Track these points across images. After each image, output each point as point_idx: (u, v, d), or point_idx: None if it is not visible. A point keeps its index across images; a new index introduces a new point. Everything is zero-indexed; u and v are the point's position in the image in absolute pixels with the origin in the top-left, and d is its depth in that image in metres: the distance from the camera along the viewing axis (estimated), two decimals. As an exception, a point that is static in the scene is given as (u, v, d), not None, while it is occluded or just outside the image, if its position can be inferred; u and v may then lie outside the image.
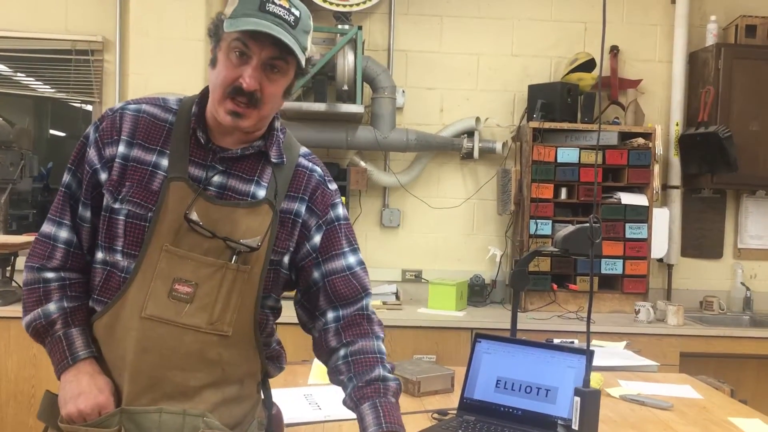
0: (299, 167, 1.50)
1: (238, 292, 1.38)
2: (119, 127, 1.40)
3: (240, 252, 1.36)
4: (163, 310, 1.34)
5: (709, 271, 4.14)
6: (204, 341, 1.36)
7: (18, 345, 3.19)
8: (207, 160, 1.40)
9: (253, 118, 1.37)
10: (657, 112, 4.09)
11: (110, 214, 1.37)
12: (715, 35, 3.94)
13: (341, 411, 1.90)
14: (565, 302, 3.72)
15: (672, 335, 3.44)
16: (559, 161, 3.68)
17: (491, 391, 1.88)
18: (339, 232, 1.51)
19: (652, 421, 1.95)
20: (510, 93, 4.05)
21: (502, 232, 4.05)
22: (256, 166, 1.44)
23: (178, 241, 1.35)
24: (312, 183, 1.50)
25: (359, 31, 3.60)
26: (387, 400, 1.42)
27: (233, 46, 1.33)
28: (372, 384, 1.44)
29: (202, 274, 1.35)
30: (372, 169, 3.91)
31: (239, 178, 1.42)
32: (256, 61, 1.33)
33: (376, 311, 1.57)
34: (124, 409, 1.33)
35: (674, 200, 4.03)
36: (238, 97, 1.33)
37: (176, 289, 1.34)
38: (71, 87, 3.92)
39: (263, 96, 1.35)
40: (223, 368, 1.39)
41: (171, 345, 1.34)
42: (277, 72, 1.36)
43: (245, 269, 1.38)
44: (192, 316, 1.35)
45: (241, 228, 1.38)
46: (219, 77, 1.35)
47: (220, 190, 1.39)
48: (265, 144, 1.45)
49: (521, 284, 2.41)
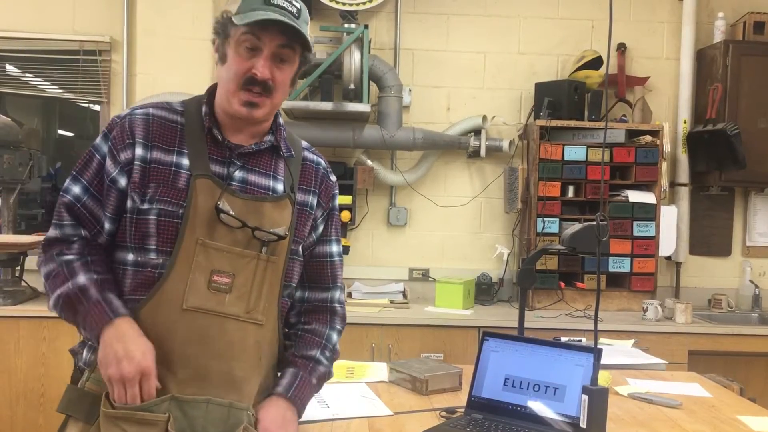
0: (306, 161, 1.58)
1: (268, 282, 1.44)
2: (131, 132, 1.42)
3: (268, 243, 1.42)
4: (205, 300, 1.37)
5: (718, 268, 4.12)
6: (244, 329, 1.41)
7: (27, 344, 3.21)
8: (226, 157, 1.45)
9: (266, 106, 1.43)
10: (665, 109, 4.07)
11: (138, 216, 1.40)
12: (722, 32, 3.92)
13: (349, 409, 1.91)
14: (573, 300, 3.71)
15: (680, 333, 3.43)
16: (566, 159, 3.68)
17: (499, 389, 1.88)
18: (333, 221, 1.63)
19: (660, 420, 1.94)
20: (517, 91, 4.05)
21: (509, 231, 4.05)
22: (270, 161, 1.51)
23: (212, 234, 1.39)
24: (319, 176, 1.59)
25: (365, 30, 3.60)
26: (308, 378, 1.52)
27: (243, 39, 1.39)
28: (305, 359, 1.54)
29: (239, 265, 1.40)
30: (379, 167, 3.91)
31: (257, 173, 1.48)
32: (267, 52, 1.40)
33: (383, 310, 1.60)
34: (175, 396, 1.35)
35: (682, 198, 4.02)
36: (252, 87, 1.40)
37: (215, 281, 1.38)
38: (79, 87, 3.94)
39: (275, 84, 1.42)
40: (260, 357, 1.45)
41: (214, 334, 1.38)
42: (285, 61, 1.43)
43: (274, 259, 1.44)
44: (232, 305, 1.39)
45: (267, 220, 1.44)
46: (231, 71, 1.41)
47: (242, 185, 1.45)
48: (275, 139, 1.51)
49: (528, 282, 2.41)
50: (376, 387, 2.14)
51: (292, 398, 1.47)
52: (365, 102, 3.61)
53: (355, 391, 2.09)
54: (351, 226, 3.91)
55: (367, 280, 3.92)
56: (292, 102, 3.60)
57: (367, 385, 2.15)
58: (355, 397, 2.03)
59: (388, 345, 3.34)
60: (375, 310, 3.46)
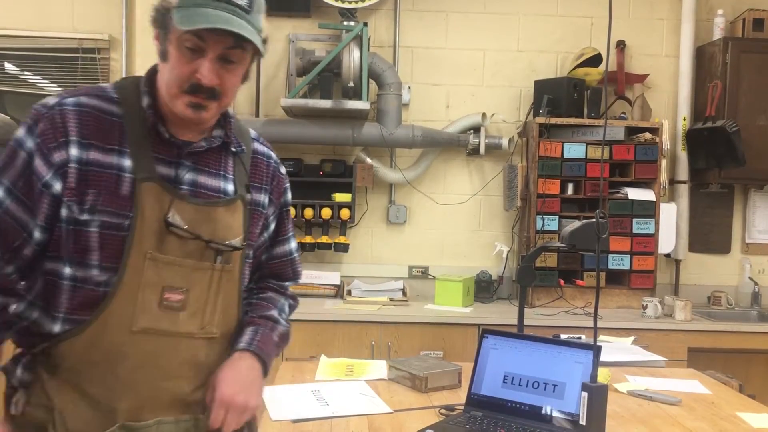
0: (257, 155, 1.47)
1: (224, 293, 1.36)
2: (64, 127, 1.24)
3: (223, 252, 1.33)
4: (156, 321, 1.27)
5: (717, 266, 4.12)
6: (195, 346, 1.33)
7: None
8: (173, 157, 1.32)
9: (214, 109, 1.30)
10: (664, 106, 4.07)
11: (76, 227, 1.24)
12: (722, 29, 3.92)
13: (349, 407, 1.91)
14: (572, 298, 3.71)
15: (680, 330, 3.43)
16: (565, 157, 3.68)
17: (498, 386, 1.88)
18: (287, 217, 1.55)
19: (660, 417, 1.94)
20: (516, 89, 4.04)
21: (508, 228, 4.05)
22: (220, 158, 1.38)
23: (161, 246, 1.27)
24: (270, 170, 1.48)
25: (365, 27, 3.60)
26: (270, 333, 1.44)
27: (185, 39, 1.23)
28: (264, 318, 1.46)
29: (193, 279, 1.31)
30: (378, 165, 3.91)
31: (207, 173, 1.35)
32: (212, 55, 1.24)
33: (383, 308, 1.59)
34: (123, 425, 1.26)
35: (681, 195, 4.02)
36: (197, 94, 1.25)
37: (167, 298, 1.28)
38: (78, 85, 3.93)
39: (223, 89, 1.28)
40: (210, 369, 1.36)
41: (167, 356, 1.29)
42: (234, 62, 1.27)
43: (229, 268, 1.36)
44: (186, 324, 1.31)
45: (221, 227, 1.34)
46: (173, 73, 1.26)
47: (192, 187, 1.33)
48: (225, 133, 1.39)
49: (528, 280, 2.41)
50: (375, 385, 2.14)
51: (256, 350, 1.38)
52: (364, 100, 3.61)
53: (355, 388, 2.09)
54: (350, 224, 3.91)
55: (367, 277, 3.92)
56: (291, 100, 3.60)
57: (366, 383, 2.15)
58: (355, 394, 2.03)
59: (388, 343, 3.34)
60: (374, 308, 3.47)
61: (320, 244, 3.82)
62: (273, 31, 3.86)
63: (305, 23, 3.90)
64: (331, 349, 3.16)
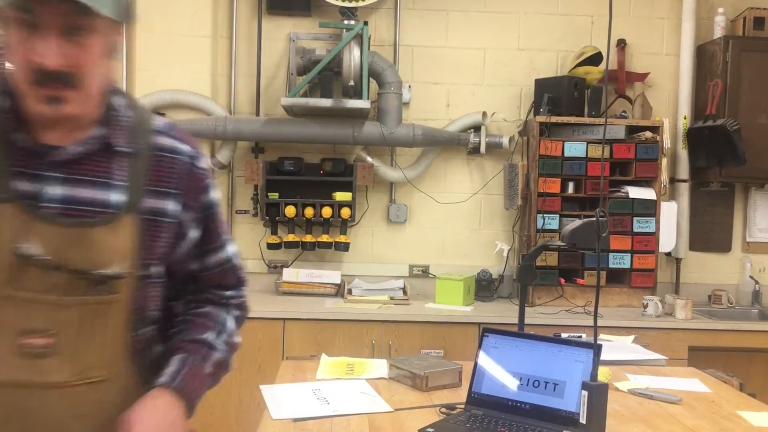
0: (158, 151, 1.19)
1: (108, 328, 1.13)
2: None
3: (100, 282, 1.10)
4: (14, 371, 1.06)
5: (718, 264, 4.12)
6: (74, 394, 1.10)
7: None
8: (37, 168, 1.08)
9: (77, 100, 1.05)
10: (664, 105, 4.07)
11: None
12: (722, 28, 3.92)
13: (349, 406, 1.91)
14: (573, 297, 3.72)
15: (680, 329, 3.43)
16: (566, 155, 3.68)
17: (499, 385, 1.88)
18: (216, 221, 1.30)
19: (660, 415, 1.94)
20: (516, 87, 4.04)
21: (509, 227, 4.05)
22: (104, 162, 1.12)
23: (18, 281, 1.05)
24: (179, 168, 1.20)
25: (365, 26, 3.60)
26: (200, 365, 1.22)
27: (12, 16, 0.99)
28: (195, 342, 1.24)
29: (59, 319, 1.08)
30: (378, 164, 3.91)
31: (85, 183, 1.10)
32: (48, 29, 0.99)
33: (383, 306, 1.54)
34: None
35: (682, 194, 4.02)
36: (48, 84, 1.02)
37: (26, 344, 1.06)
38: None
39: (79, 72, 1.03)
40: (109, 415, 1.14)
41: (33, 412, 1.08)
42: (84, 30, 1.01)
43: (112, 298, 1.12)
44: (55, 372, 1.08)
45: (97, 252, 1.09)
46: (14, 62, 1.03)
47: (63, 204, 1.08)
48: (108, 130, 1.13)
49: (528, 279, 2.41)
50: (376, 383, 2.14)
51: (179, 388, 1.17)
52: (365, 98, 3.61)
53: (355, 387, 2.09)
54: (351, 223, 3.91)
55: (367, 276, 3.92)
56: (291, 99, 3.60)
57: (367, 382, 2.15)
58: (355, 393, 2.03)
59: (388, 342, 3.34)
60: (375, 307, 3.47)
61: (321, 243, 3.82)
62: (273, 30, 3.90)
63: (306, 22, 3.90)
64: (332, 348, 3.17)
